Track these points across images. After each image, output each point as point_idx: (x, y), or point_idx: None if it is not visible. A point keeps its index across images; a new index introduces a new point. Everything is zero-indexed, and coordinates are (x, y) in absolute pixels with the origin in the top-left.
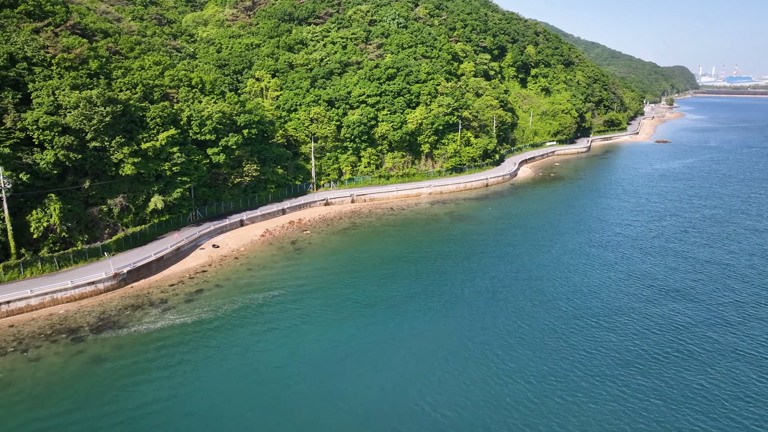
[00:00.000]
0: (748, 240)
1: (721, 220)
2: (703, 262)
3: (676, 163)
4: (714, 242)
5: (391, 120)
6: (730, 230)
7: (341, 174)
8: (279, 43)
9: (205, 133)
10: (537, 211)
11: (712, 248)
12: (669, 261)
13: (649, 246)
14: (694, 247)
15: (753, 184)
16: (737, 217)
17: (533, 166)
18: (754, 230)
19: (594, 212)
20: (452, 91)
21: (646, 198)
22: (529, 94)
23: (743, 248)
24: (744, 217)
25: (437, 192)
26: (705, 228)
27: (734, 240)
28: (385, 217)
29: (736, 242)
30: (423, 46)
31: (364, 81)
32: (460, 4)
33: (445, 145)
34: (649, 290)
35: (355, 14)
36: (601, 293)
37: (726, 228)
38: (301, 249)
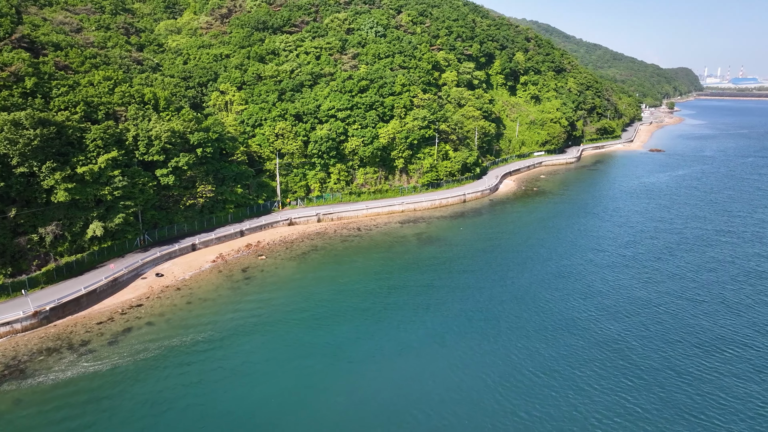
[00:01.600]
0: (724, 270)
1: (698, 245)
2: (672, 296)
3: (664, 175)
4: (686, 273)
5: (361, 135)
6: (706, 258)
7: (309, 191)
8: (250, 53)
9: (153, 153)
10: (510, 232)
11: (682, 280)
12: (636, 293)
13: (617, 278)
14: (664, 279)
15: (738, 203)
16: (717, 242)
17: (517, 179)
18: (732, 259)
19: (569, 234)
20: (429, 103)
21: (626, 218)
22: (518, 102)
23: (716, 279)
24: (725, 243)
25: (410, 209)
26: (680, 255)
27: (708, 270)
28: (350, 238)
29: (710, 272)
30: (401, 55)
31: (335, 94)
32: (447, 10)
33: (421, 160)
34: (610, 335)
35: (332, 23)
36: (558, 340)
37: (702, 255)
38: (250, 278)
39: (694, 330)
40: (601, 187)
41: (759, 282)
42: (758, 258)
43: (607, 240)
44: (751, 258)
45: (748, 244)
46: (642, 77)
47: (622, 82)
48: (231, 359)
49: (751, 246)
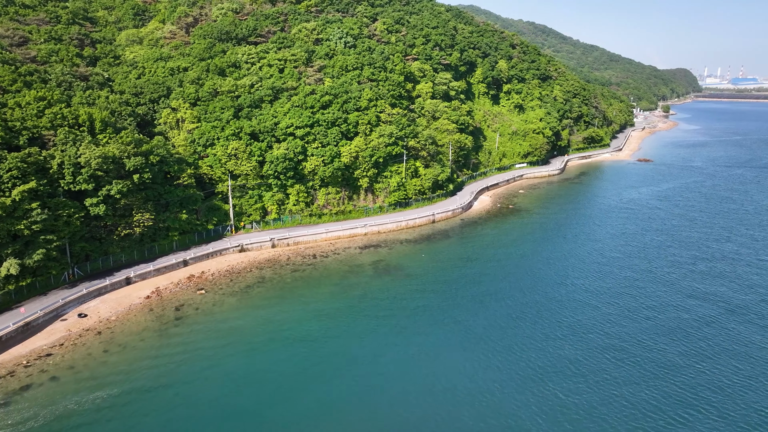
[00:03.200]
0: (689, 310)
1: (668, 278)
2: (633, 346)
3: (647, 190)
4: (652, 314)
5: (321, 154)
6: (673, 294)
7: (266, 213)
8: (209, 66)
9: (81, 182)
10: (474, 259)
11: (645, 322)
12: (591, 341)
13: (576, 320)
14: (623, 320)
15: (716, 226)
16: (688, 274)
17: (494, 195)
18: (704, 296)
19: (535, 263)
20: (398, 119)
21: (597, 242)
22: (501, 111)
23: (680, 322)
24: (697, 275)
25: (374, 232)
26: (649, 289)
27: (674, 307)
28: (302, 268)
29: (676, 311)
30: (370, 67)
31: (295, 110)
32: (427, 17)
33: (388, 178)
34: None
35: (300, 33)
36: (504, 405)
37: (670, 291)
38: (182, 318)
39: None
40: (579, 203)
41: (723, 322)
42: (723, 295)
43: (574, 271)
44: (715, 295)
45: (717, 280)
46: (638, 79)
47: (617, 85)
48: (129, 427)
49: (718, 283)
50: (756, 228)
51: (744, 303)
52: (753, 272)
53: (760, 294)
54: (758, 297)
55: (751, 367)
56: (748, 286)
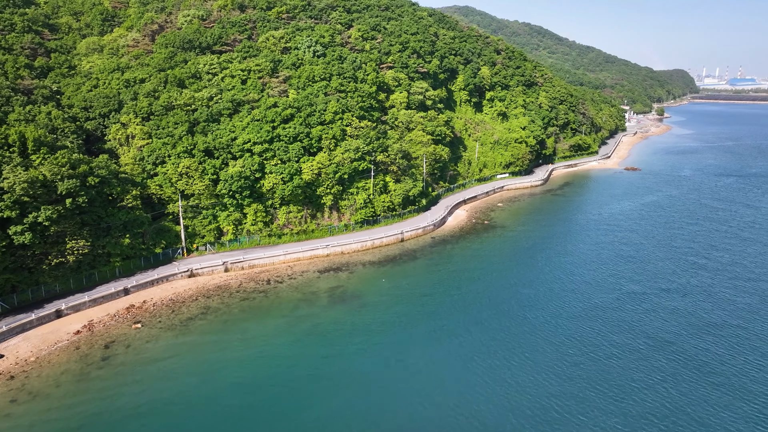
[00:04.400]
0: (648, 357)
1: (632, 317)
2: (572, 398)
3: (630, 203)
4: (611, 365)
5: (280, 171)
6: (635, 335)
7: (221, 234)
8: (168, 77)
9: (2, 209)
10: (435, 284)
11: (608, 377)
12: (541, 386)
13: (526, 364)
14: (570, 370)
15: (692, 252)
16: (654, 310)
17: (471, 209)
18: (673, 339)
19: (498, 293)
20: (366, 132)
21: (564, 269)
22: (483, 119)
23: (641, 374)
24: (649, 314)
25: (337, 253)
26: (600, 331)
27: (634, 354)
28: (252, 295)
29: (635, 360)
30: (339, 78)
31: (255, 124)
32: (407, 23)
33: (354, 195)
34: None
35: (267, 41)
36: None
37: (633, 332)
38: (110, 358)
39: None
40: (557, 219)
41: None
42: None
43: (539, 302)
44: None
45: (672, 324)
46: (633, 81)
47: (611, 87)
48: None
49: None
50: (735, 253)
51: (699, 353)
52: (721, 311)
53: (721, 339)
54: (719, 343)
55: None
56: (712, 332)
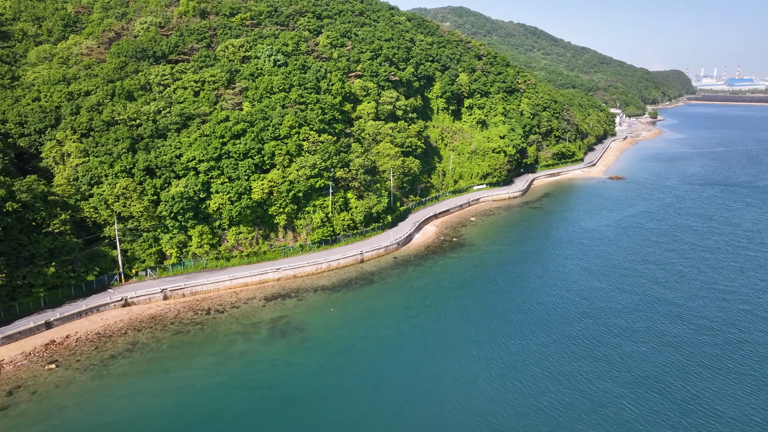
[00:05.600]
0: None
1: (576, 371)
2: None
3: (609, 216)
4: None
5: (227, 190)
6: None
7: (164, 258)
8: (115, 89)
9: None
10: (386, 313)
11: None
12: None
13: (460, 412)
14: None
15: (662, 279)
16: (607, 358)
17: (441, 224)
18: (626, 384)
19: (453, 328)
20: (325, 147)
21: (533, 294)
22: (462, 128)
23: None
24: (599, 362)
25: (289, 276)
26: (548, 375)
27: (579, 400)
28: (188, 327)
29: (580, 410)
30: (300, 88)
31: (202, 140)
32: (381, 28)
33: (310, 214)
34: None
35: (226, 50)
36: None
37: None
38: (9, 408)
39: None
40: (528, 235)
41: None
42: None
43: (494, 337)
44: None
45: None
46: (628, 83)
47: (604, 90)
48: None
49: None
50: (708, 282)
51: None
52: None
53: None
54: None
55: None
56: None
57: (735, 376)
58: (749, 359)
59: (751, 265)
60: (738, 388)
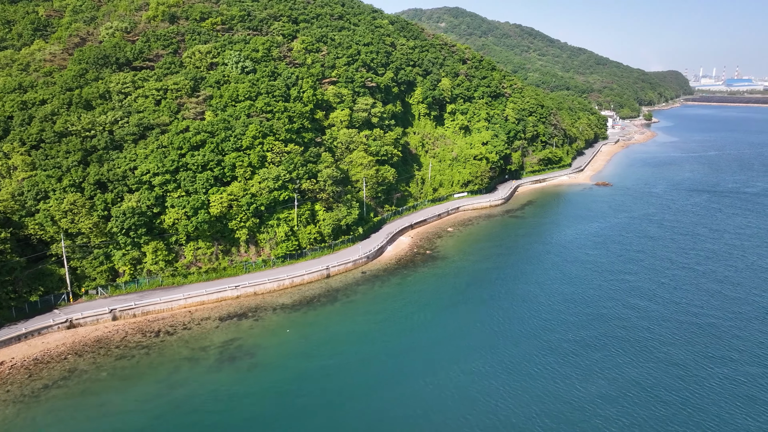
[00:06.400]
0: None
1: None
2: None
3: (590, 227)
4: None
5: (183, 204)
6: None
7: (117, 275)
8: (72, 97)
9: None
10: (346, 335)
11: None
12: None
13: None
14: None
15: (637, 291)
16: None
17: (417, 235)
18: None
19: (401, 350)
20: (291, 158)
21: (501, 314)
22: (444, 134)
23: None
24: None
25: (249, 294)
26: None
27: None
28: (133, 352)
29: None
30: (267, 96)
31: (159, 152)
32: (361, 32)
33: (274, 228)
34: None
35: (193, 56)
36: None
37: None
38: None
39: None
40: (505, 247)
41: None
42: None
43: (438, 369)
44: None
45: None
46: (623, 84)
47: (598, 91)
48: None
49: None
50: (678, 305)
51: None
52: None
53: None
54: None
55: None
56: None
57: (692, 410)
58: (712, 393)
59: (728, 284)
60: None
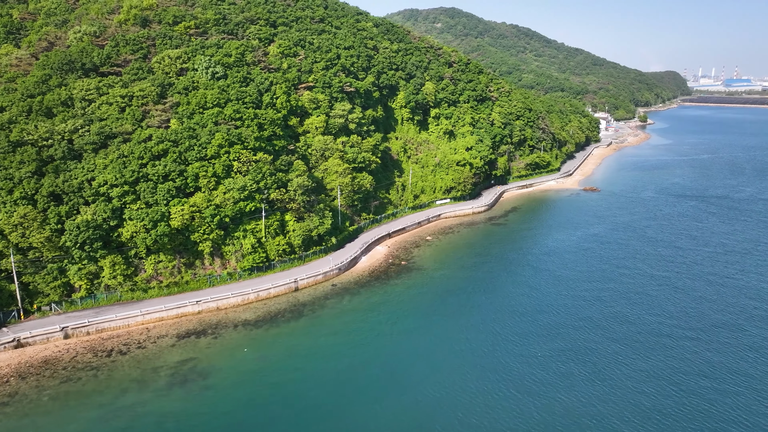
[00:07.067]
0: None
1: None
2: None
3: (571, 236)
4: None
5: (141, 217)
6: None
7: (72, 291)
8: (32, 105)
9: None
10: (306, 355)
11: None
12: None
13: None
14: None
15: (609, 313)
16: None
17: (394, 244)
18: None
19: (362, 373)
20: (259, 167)
21: (466, 332)
22: (428, 139)
23: None
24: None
25: (211, 309)
26: None
27: None
28: (81, 373)
29: None
30: (237, 103)
31: (118, 162)
32: (342, 35)
33: (240, 239)
34: None
35: (162, 62)
36: None
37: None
38: None
39: None
40: (484, 257)
41: None
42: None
43: (402, 390)
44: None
45: None
46: (620, 85)
47: (593, 93)
48: None
49: None
50: (649, 325)
51: None
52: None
53: None
54: None
55: None
56: None
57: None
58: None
59: (705, 302)
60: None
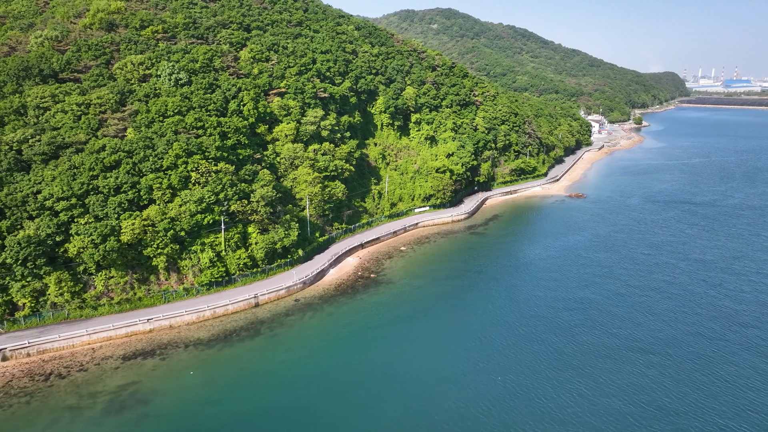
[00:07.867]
0: None
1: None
2: None
3: (549, 246)
4: None
5: (89, 231)
6: None
7: (15, 309)
8: None
9: None
10: (258, 374)
11: None
12: None
13: None
14: None
15: (586, 325)
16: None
17: (366, 255)
18: None
19: (315, 399)
20: (218, 177)
21: (430, 355)
22: (409, 144)
23: None
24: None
25: (164, 327)
26: None
27: None
28: (12, 400)
29: None
30: (200, 111)
31: (67, 174)
32: (319, 39)
33: (198, 253)
34: None
35: (124, 68)
36: None
37: None
38: None
39: None
40: (458, 269)
41: None
42: None
43: (356, 416)
44: None
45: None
46: (616, 87)
47: (588, 95)
48: None
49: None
50: (628, 339)
51: None
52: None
53: None
54: None
55: None
56: None
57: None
58: None
59: (684, 312)
60: None
